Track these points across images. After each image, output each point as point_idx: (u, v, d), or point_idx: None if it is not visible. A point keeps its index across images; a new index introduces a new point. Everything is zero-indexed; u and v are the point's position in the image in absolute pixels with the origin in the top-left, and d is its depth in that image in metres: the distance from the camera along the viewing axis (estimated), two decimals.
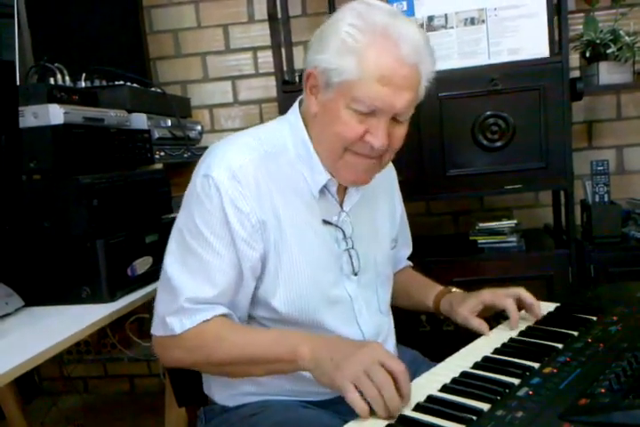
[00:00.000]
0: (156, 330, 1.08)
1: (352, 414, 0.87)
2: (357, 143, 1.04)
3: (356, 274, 1.17)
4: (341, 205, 1.16)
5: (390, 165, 1.30)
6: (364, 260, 1.19)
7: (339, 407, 1.07)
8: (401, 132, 1.08)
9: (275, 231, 1.07)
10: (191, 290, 1.04)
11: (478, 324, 1.19)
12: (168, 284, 1.07)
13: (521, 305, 1.21)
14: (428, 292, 1.35)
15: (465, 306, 1.23)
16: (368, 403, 0.86)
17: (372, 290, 1.22)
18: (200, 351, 1.04)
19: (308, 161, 1.11)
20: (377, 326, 1.20)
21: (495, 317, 1.24)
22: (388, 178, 1.32)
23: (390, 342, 1.26)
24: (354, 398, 0.86)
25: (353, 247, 1.16)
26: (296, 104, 1.16)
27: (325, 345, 0.96)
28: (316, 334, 1.07)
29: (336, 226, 1.14)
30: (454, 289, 1.33)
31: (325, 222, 1.13)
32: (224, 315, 1.06)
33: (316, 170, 1.11)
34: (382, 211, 1.28)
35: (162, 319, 1.06)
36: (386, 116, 1.02)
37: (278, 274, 1.08)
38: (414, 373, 1.22)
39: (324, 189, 1.12)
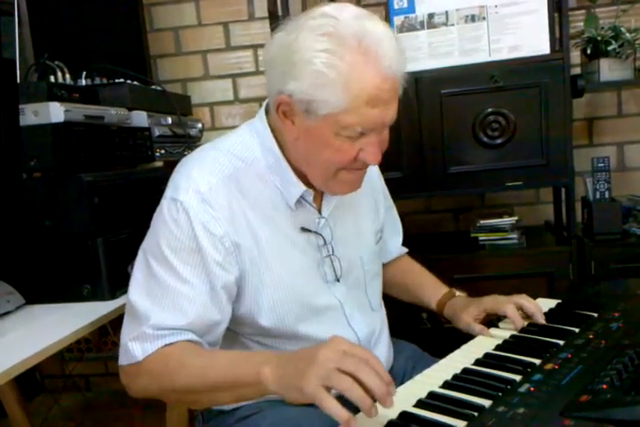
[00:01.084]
0: (121, 360, 1.01)
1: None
2: (352, 163, 1.01)
3: (338, 280, 1.14)
4: (319, 211, 1.13)
5: None
6: (349, 262, 1.16)
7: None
8: (387, 134, 1.04)
9: (251, 250, 1.03)
10: (158, 318, 0.98)
11: (480, 329, 1.20)
12: (132, 312, 1.01)
13: (523, 313, 1.20)
14: (431, 293, 1.34)
15: (467, 313, 1.23)
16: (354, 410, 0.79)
17: (360, 290, 1.20)
18: (163, 378, 0.96)
19: (279, 171, 1.07)
20: (369, 324, 1.20)
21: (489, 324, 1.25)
22: (369, 171, 1.28)
23: (383, 336, 1.25)
24: (330, 406, 0.77)
25: (334, 253, 1.13)
26: (262, 111, 1.10)
27: (289, 360, 0.87)
28: (297, 347, 1.06)
29: (315, 233, 1.11)
30: (458, 293, 1.32)
31: (304, 230, 1.09)
32: (190, 341, 0.99)
33: (290, 181, 1.07)
34: (364, 206, 1.24)
35: (124, 347, 1.00)
36: (378, 133, 1.00)
37: (259, 291, 1.05)
38: (413, 367, 1.23)
39: (300, 199, 1.08)
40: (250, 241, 1.03)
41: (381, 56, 0.92)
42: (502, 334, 1.15)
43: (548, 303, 1.27)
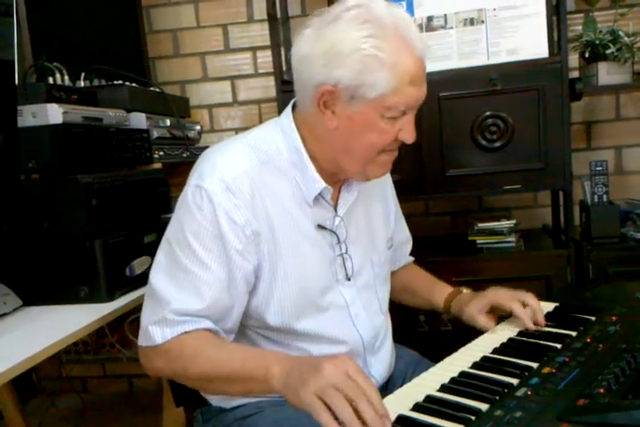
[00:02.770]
0: (141, 341, 1.06)
1: None
2: (392, 144, 1.06)
3: (349, 279, 1.16)
4: (335, 210, 1.15)
5: None
6: (360, 263, 1.18)
7: None
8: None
9: (269, 241, 1.06)
10: (178, 302, 1.01)
11: (484, 322, 1.20)
12: (153, 294, 1.05)
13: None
14: (437, 292, 1.35)
15: (472, 305, 1.23)
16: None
17: (371, 292, 1.21)
18: (178, 364, 1.01)
19: (301, 168, 1.10)
20: (375, 327, 1.20)
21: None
22: (382, 180, 1.31)
23: (387, 340, 1.26)
24: (321, 418, 0.79)
25: (347, 252, 1.15)
26: (289, 108, 1.14)
27: (297, 365, 0.90)
28: (310, 343, 1.08)
29: (331, 231, 1.13)
30: (465, 290, 1.33)
31: (320, 227, 1.12)
32: (208, 329, 1.03)
33: (311, 178, 1.09)
34: (377, 211, 1.27)
35: (145, 329, 1.04)
36: (414, 111, 1.05)
37: (272, 285, 1.07)
38: (412, 373, 1.23)
39: (317, 196, 1.11)
40: (268, 232, 1.06)
41: (414, 39, 1.00)
42: (500, 336, 1.15)
43: (545, 307, 1.27)
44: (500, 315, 1.25)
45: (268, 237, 1.06)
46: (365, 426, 0.78)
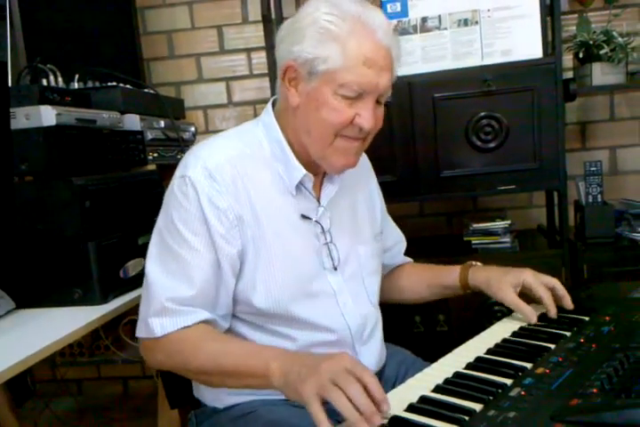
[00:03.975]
0: (139, 332, 1.08)
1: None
2: (347, 127, 1.07)
3: (336, 268, 1.17)
4: (318, 201, 1.17)
5: (364, 155, 1.30)
6: (346, 252, 1.19)
7: (330, 407, 1.07)
8: (381, 112, 1.12)
9: (252, 227, 1.08)
10: (170, 290, 1.04)
11: (529, 313, 1.20)
12: (149, 286, 1.07)
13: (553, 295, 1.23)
14: (448, 273, 1.35)
15: (505, 282, 1.24)
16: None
17: (358, 282, 1.22)
18: (178, 357, 1.04)
19: (282, 159, 1.13)
20: (363, 316, 1.20)
21: (488, 316, 1.24)
22: (363, 168, 1.33)
23: (377, 336, 1.25)
24: (315, 412, 0.82)
25: (332, 241, 1.17)
26: (269, 105, 1.18)
27: (296, 360, 0.93)
28: (299, 329, 1.10)
29: (315, 221, 1.15)
30: (475, 262, 1.35)
31: (304, 217, 1.14)
32: (207, 321, 1.06)
33: (292, 166, 1.12)
34: (361, 204, 1.28)
35: (144, 321, 1.06)
36: (372, 98, 1.06)
37: (257, 269, 1.09)
38: (405, 372, 1.23)
39: (300, 186, 1.13)
40: (251, 218, 1.08)
41: (377, 28, 1.03)
42: (495, 335, 1.15)
43: (539, 307, 1.27)
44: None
45: (251, 223, 1.08)
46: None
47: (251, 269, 1.09)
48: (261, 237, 1.09)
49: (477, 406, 0.85)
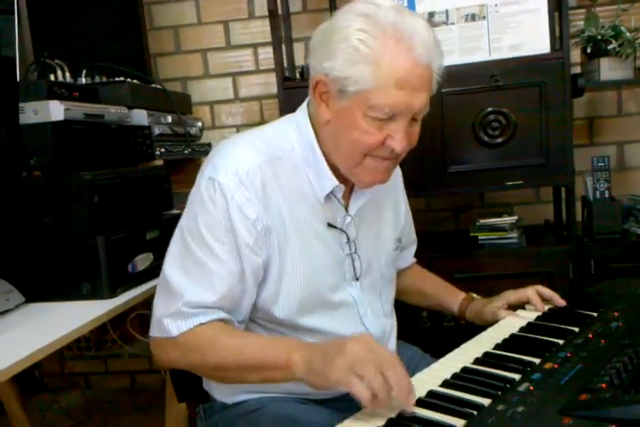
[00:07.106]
0: (154, 331, 1.07)
1: (351, 411, 0.87)
2: (379, 148, 1.03)
3: (357, 279, 1.16)
4: (346, 209, 1.15)
5: None
6: (368, 263, 1.18)
7: (337, 404, 1.08)
8: (417, 129, 1.07)
9: (279, 237, 1.06)
10: (191, 294, 1.02)
11: (506, 313, 1.25)
12: (167, 286, 1.05)
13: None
14: (451, 299, 1.37)
15: (491, 306, 1.28)
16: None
17: (375, 293, 1.21)
18: (195, 354, 1.02)
19: (314, 165, 1.09)
20: (381, 326, 1.21)
21: None
22: (394, 177, 1.29)
23: (392, 342, 1.26)
24: (354, 385, 0.83)
25: (356, 252, 1.15)
26: (304, 104, 1.14)
27: (316, 348, 0.93)
28: (316, 339, 1.08)
29: (341, 230, 1.13)
30: (475, 296, 1.36)
31: (330, 226, 1.12)
32: (222, 319, 1.04)
33: (323, 175, 1.09)
34: (387, 212, 1.26)
35: (159, 321, 1.04)
36: (405, 119, 1.01)
37: (281, 280, 1.07)
38: (414, 369, 1.23)
39: (329, 194, 1.10)
40: (279, 227, 1.06)
41: (415, 44, 0.96)
42: (506, 328, 1.16)
43: (547, 303, 1.27)
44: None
45: (278, 232, 1.05)
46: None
47: (274, 279, 1.07)
48: (287, 245, 1.06)
49: (486, 401, 0.85)
